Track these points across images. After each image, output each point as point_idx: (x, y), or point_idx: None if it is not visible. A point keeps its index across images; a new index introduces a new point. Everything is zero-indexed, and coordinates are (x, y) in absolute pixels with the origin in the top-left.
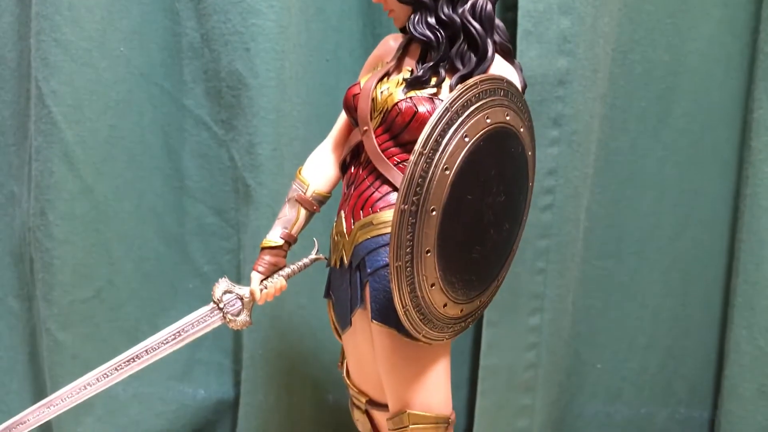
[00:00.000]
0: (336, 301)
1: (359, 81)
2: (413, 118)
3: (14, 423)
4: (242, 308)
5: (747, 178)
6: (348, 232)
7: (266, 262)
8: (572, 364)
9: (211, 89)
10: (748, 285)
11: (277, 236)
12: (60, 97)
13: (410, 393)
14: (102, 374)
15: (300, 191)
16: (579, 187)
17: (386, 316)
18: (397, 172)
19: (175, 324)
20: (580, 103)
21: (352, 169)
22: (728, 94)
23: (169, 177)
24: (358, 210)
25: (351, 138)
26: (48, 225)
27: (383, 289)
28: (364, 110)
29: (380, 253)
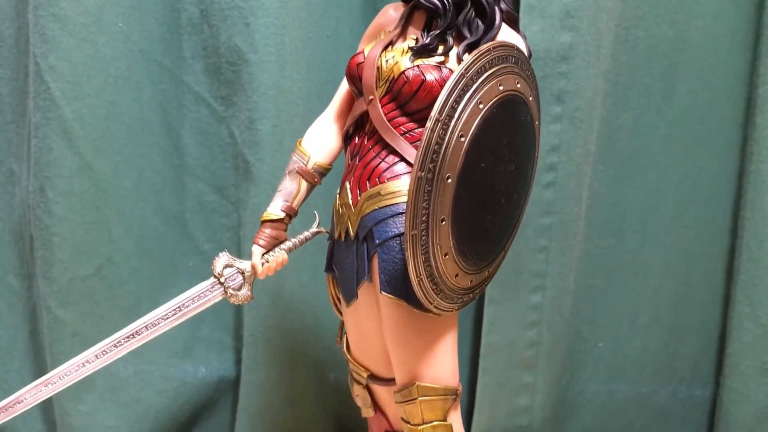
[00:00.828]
0: (340, 274)
1: (362, 50)
2: (421, 87)
3: (11, 402)
4: (243, 282)
5: (751, 155)
6: (354, 204)
7: (267, 235)
8: (573, 343)
9: (210, 65)
10: (751, 263)
11: (278, 209)
12: (58, 72)
13: (419, 365)
14: (101, 351)
15: (301, 163)
16: (581, 165)
17: (395, 288)
18: (404, 141)
19: (175, 299)
20: (583, 79)
21: (356, 140)
22: (733, 70)
23: (169, 154)
24: (364, 181)
25: (355, 108)
26: (47, 202)
27: (392, 260)
28: (369, 79)
29: (389, 223)
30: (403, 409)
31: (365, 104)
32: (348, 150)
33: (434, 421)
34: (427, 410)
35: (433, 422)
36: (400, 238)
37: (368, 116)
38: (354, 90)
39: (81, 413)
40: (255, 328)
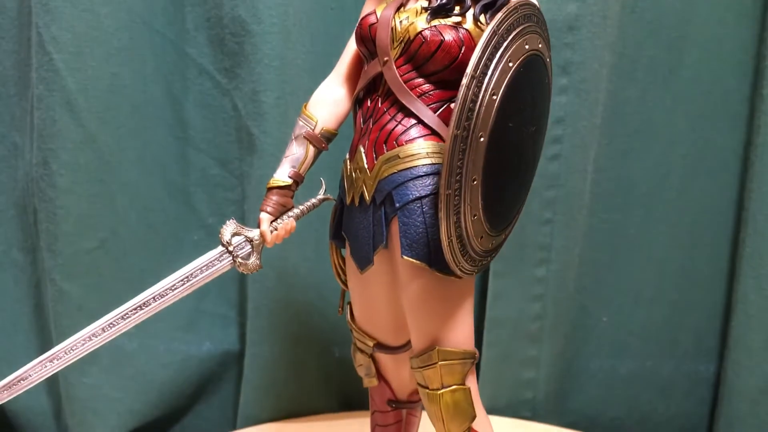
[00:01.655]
0: (354, 240)
1: (373, 11)
2: (439, 47)
3: (15, 379)
4: (252, 251)
5: (759, 127)
6: (370, 168)
7: (274, 202)
8: (578, 317)
9: (213, 37)
10: (757, 235)
11: (285, 175)
12: (61, 43)
13: (440, 329)
14: (108, 324)
15: (308, 128)
16: (587, 137)
17: (417, 252)
18: (421, 103)
19: (183, 269)
20: (589, 50)
21: (368, 103)
22: (740, 42)
23: (172, 127)
24: (380, 144)
25: (368, 70)
26: (51, 174)
27: (413, 224)
28: (383, 40)
29: (408, 186)
30: (421, 375)
31: (379, 66)
32: (359, 113)
33: (453, 385)
34: (447, 374)
35: (452, 386)
36: (420, 201)
37: (382, 78)
38: (364, 52)
39: (86, 386)
40: (259, 302)
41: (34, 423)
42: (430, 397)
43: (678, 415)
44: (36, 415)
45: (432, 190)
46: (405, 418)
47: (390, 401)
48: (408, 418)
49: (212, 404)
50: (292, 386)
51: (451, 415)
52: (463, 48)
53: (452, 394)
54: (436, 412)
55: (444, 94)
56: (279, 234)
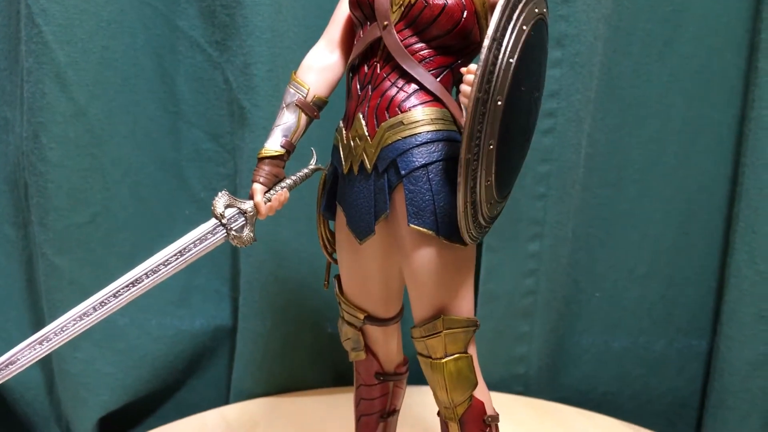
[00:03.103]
0: (351, 209)
1: None
2: (442, 12)
3: (3, 363)
4: (246, 223)
5: (753, 101)
6: (371, 135)
7: (267, 172)
8: (571, 293)
9: (204, 9)
10: (750, 210)
11: (277, 144)
12: (50, 15)
13: (445, 298)
14: (100, 302)
15: (300, 95)
16: (581, 111)
17: (424, 220)
18: (423, 69)
19: (175, 243)
20: (584, 23)
21: (365, 69)
22: (735, 16)
23: (164, 101)
24: (382, 110)
25: (366, 35)
26: (41, 148)
27: (419, 192)
28: (383, 4)
29: (414, 153)
30: (424, 344)
31: (378, 31)
32: (355, 80)
33: (456, 354)
34: (451, 343)
35: (455, 354)
36: (426, 168)
37: (380, 43)
38: (359, 16)
39: (78, 360)
40: (251, 277)
41: (27, 397)
42: (433, 366)
43: (670, 390)
44: (28, 390)
45: (438, 156)
46: (391, 390)
47: (378, 374)
48: (394, 390)
49: (205, 379)
50: (284, 361)
51: (454, 384)
52: (465, 12)
53: (455, 362)
54: (439, 381)
55: (444, 59)
56: (272, 205)
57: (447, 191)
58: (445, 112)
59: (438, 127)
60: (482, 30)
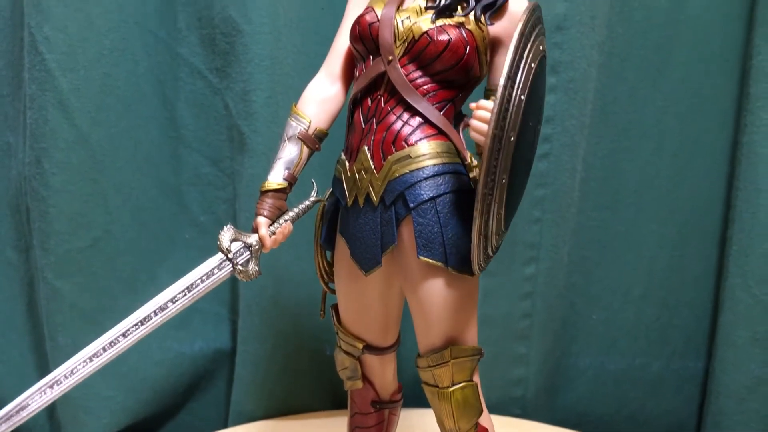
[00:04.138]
0: (356, 241)
1: (369, 8)
2: (447, 47)
3: (14, 408)
4: (251, 257)
5: (745, 126)
6: (377, 168)
7: (270, 205)
8: (567, 315)
9: (205, 37)
10: (743, 233)
11: (280, 177)
12: (53, 43)
13: (453, 328)
14: (109, 342)
15: (302, 128)
16: (576, 136)
17: (433, 251)
18: (427, 103)
19: (183, 279)
20: (578, 50)
21: (368, 102)
22: (728, 41)
23: (165, 126)
24: (388, 144)
25: (370, 69)
26: (44, 174)
27: (428, 224)
28: (387, 39)
29: (422, 186)
30: (430, 373)
31: (382, 65)
32: (358, 113)
33: (462, 382)
34: (458, 372)
35: (462, 383)
36: (434, 201)
37: (384, 78)
38: (360, 51)
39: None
40: (251, 300)
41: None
42: (440, 395)
43: (667, 412)
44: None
45: (445, 189)
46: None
47: (374, 402)
48: (389, 417)
49: (205, 402)
50: (284, 384)
51: (461, 412)
52: (467, 48)
53: (462, 390)
54: (447, 409)
55: (447, 93)
56: (277, 238)
57: (454, 223)
58: (450, 145)
59: (444, 160)
60: (482, 65)
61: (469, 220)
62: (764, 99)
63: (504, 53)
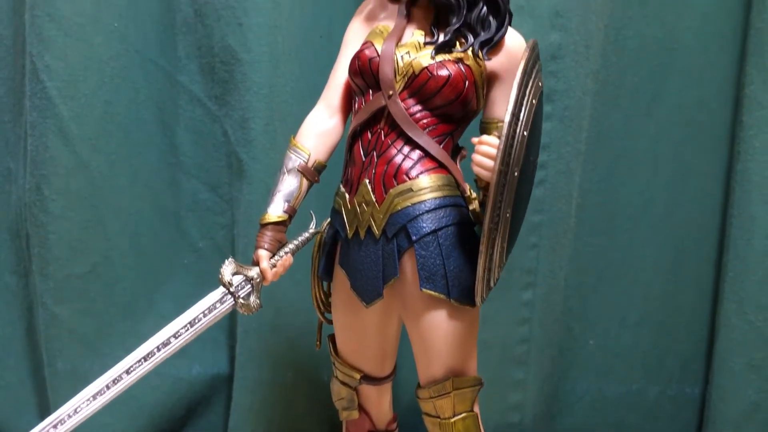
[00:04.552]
0: (357, 273)
1: (369, 43)
2: (447, 82)
3: None
4: (252, 290)
5: (738, 153)
6: (379, 201)
7: (270, 238)
8: (564, 340)
9: (204, 65)
10: (738, 260)
11: (280, 210)
12: (54, 72)
13: (454, 359)
14: (113, 380)
15: (301, 161)
16: (571, 163)
17: (435, 284)
18: (427, 137)
19: (185, 314)
20: (573, 78)
21: (368, 135)
22: (721, 70)
23: (164, 152)
24: (390, 177)
25: (370, 104)
26: (44, 200)
27: (430, 257)
28: (388, 74)
29: (424, 219)
30: (432, 404)
31: (383, 100)
32: (358, 146)
33: (463, 412)
34: (459, 402)
35: (463, 413)
36: (436, 234)
37: (384, 111)
38: (360, 85)
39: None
40: (249, 326)
41: None
42: (442, 426)
43: None
44: None
45: (446, 222)
46: None
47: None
48: None
49: (202, 427)
50: (281, 409)
51: None
52: (466, 83)
53: (464, 421)
54: None
55: (446, 127)
56: (278, 271)
57: (456, 255)
58: (450, 178)
59: (444, 193)
60: (479, 99)
61: (470, 251)
62: (757, 127)
63: (500, 87)
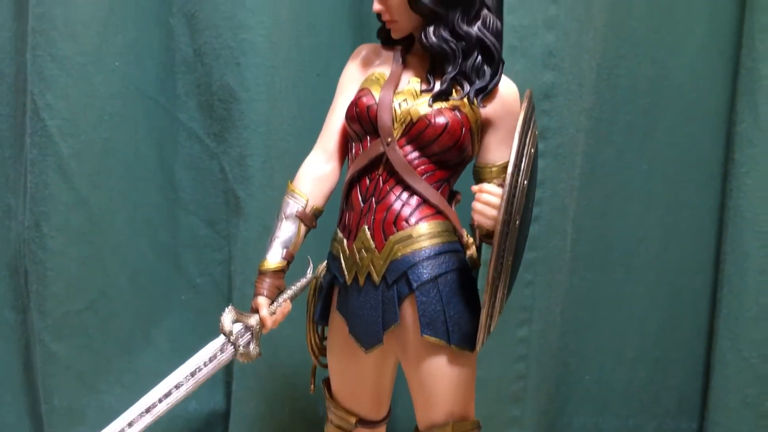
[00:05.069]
0: (356, 319)
1: (366, 90)
2: (445, 130)
3: None
4: (251, 338)
5: (731, 191)
6: (379, 248)
7: (269, 284)
8: (561, 376)
9: (203, 102)
10: (732, 296)
11: (278, 257)
12: (55, 110)
13: (453, 403)
14: None
15: (299, 207)
16: (566, 200)
17: (436, 330)
18: (425, 183)
19: (186, 365)
20: (566, 116)
21: (366, 182)
22: (713, 108)
23: (163, 189)
24: (389, 224)
25: (369, 150)
26: (42, 237)
27: (431, 303)
28: (387, 122)
29: (424, 266)
30: None
31: (381, 147)
32: (356, 191)
33: None
34: None
35: None
36: (436, 280)
37: (382, 158)
38: (358, 131)
39: None
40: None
41: None
42: None
43: None
44: None
45: (446, 268)
46: None
47: None
48: None
49: None
50: None
51: None
52: (463, 129)
53: None
54: None
55: (443, 173)
56: (277, 318)
57: (456, 301)
58: (448, 224)
59: (443, 240)
60: (474, 145)
61: (468, 296)
62: (749, 165)
63: (494, 133)
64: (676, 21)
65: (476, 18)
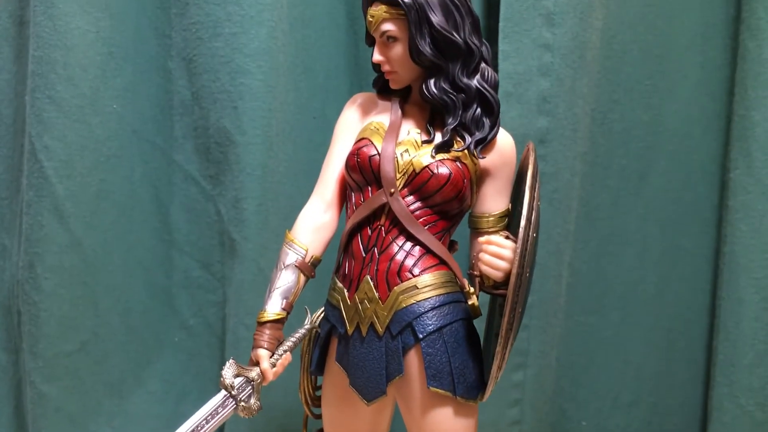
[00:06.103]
0: (357, 370)
1: (367, 141)
2: (448, 181)
3: None
4: (252, 392)
5: (725, 236)
6: (383, 298)
7: (270, 336)
8: (557, 421)
9: (200, 145)
10: (728, 342)
11: (278, 307)
12: (52, 152)
13: None
14: None
15: (299, 257)
16: (561, 244)
17: (442, 381)
18: (428, 234)
19: (188, 421)
20: (561, 161)
21: (368, 231)
22: (706, 153)
23: (158, 230)
24: (393, 274)
25: (371, 201)
26: (36, 278)
27: (437, 354)
28: (389, 173)
29: (430, 316)
30: None
31: (384, 197)
32: (357, 241)
33: None
34: None
35: None
36: (441, 331)
37: (384, 208)
38: (359, 181)
39: None
40: None
41: None
42: None
43: None
44: None
45: (451, 318)
46: None
47: None
48: None
49: None
50: None
51: None
52: (465, 180)
53: None
54: None
55: (444, 223)
56: (278, 371)
57: (461, 352)
58: (451, 274)
59: (447, 290)
60: (472, 195)
61: (472, 346)
62: (743, 211)
63: (492, 183)
64: (669, 68)
65: (476, 71)
